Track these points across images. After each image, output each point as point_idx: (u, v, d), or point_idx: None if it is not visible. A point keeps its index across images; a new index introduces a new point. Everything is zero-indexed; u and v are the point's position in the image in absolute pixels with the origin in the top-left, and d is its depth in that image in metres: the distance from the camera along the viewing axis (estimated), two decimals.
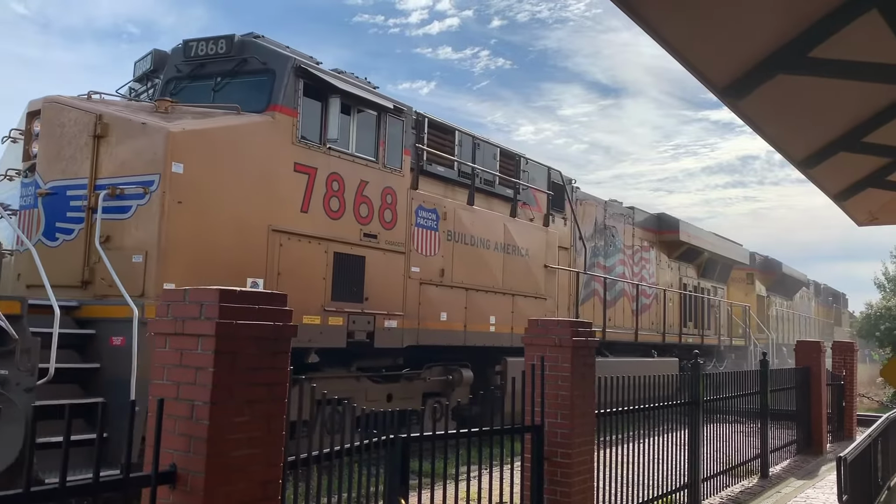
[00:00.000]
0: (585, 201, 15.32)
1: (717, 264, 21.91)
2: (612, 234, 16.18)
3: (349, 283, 8.78)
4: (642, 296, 16.97)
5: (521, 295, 12.00)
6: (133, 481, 2.84)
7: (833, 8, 3.98)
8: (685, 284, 19.79)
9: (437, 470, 6.34)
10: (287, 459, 3.54)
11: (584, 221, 14.99)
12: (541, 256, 12.61)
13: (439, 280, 10.29)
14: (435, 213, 10.37)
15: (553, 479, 5.44)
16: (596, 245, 15.49)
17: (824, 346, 12.84)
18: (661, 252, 18.69)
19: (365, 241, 9.08)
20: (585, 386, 5.72)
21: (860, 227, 8.51)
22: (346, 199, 8.89)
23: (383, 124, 9.54)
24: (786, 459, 10.96)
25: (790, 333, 30.46)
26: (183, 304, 3.16)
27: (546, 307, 12.50)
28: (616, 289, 15.91)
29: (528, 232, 12.39)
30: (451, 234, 10.63)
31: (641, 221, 17.84)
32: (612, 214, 16.30)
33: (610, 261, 15.99)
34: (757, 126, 5.45)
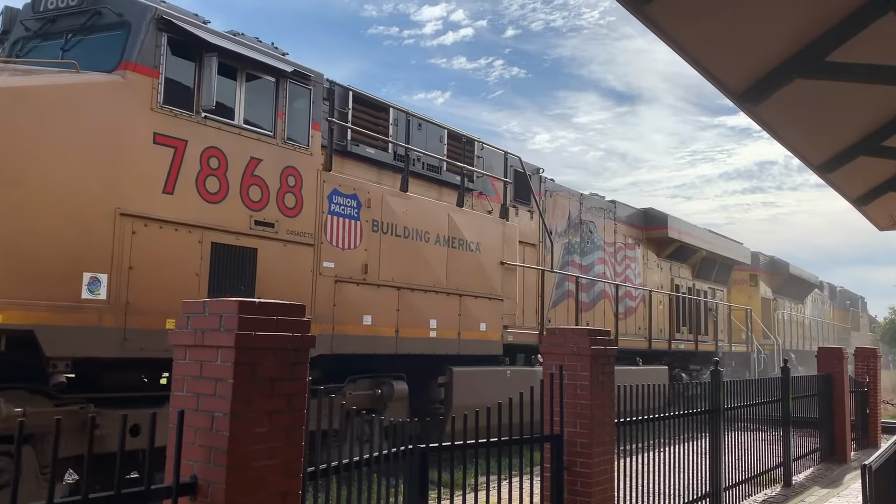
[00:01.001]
0: (556, 193, 13.92)
1: (714, 264, 20.46)
2: (590, 229, 14.82)
3: (234, 280, 7.43)
4: (627, 298, 15.64)
5: (471, 295, 10.56)
6: (154, 493, 2.85)
7: (850, 12, 3.96)
8: (678, 286, 18.32)
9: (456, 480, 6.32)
10: (307, 470, 3.55)
11: (555, 215, 13.72)
12: (497, 252, 11.21)
13: (361, 277, 8.83)
14: (355, 199, 8.89)
15: (573, 489, 5.40)
16: (570, 241, 14.15)
17: (846, 352, 12.68)
18: (649, 250, 17.29)
19: (257, 230, 7.69)
20: (604, 395, 5.69)
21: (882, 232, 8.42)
22: (229, 179, 7.49)
23: (282, 93, 8.14)
24: (809, 468, 10.82)
25: (801, 339, 28.90)
26: (202, 315, 3.18)
27: (503, 309, 11.18)
28: (595, 290, 14.58)
29: (480, 224, 10.96)
30: (378, 225, 9.17)
31: (625, 217, 16.41)
32: (589, 208, 14.93)
33: (587, 259, 14.66)
34: (774, 131, 5.42)
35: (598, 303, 14.60)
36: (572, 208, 14.35)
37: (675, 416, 7.10)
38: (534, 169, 13.20)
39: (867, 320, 44.23)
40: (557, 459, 5.37)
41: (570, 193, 14.44)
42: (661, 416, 6.83)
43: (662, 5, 3.61)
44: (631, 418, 6.27)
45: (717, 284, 21.05)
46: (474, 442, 4.75)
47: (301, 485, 3.35)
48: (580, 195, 14.76)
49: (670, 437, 7.00)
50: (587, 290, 14.31)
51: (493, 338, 10.92)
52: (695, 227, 18.97)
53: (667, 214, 17.36)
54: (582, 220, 14.59)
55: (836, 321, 36.90)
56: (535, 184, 13.03)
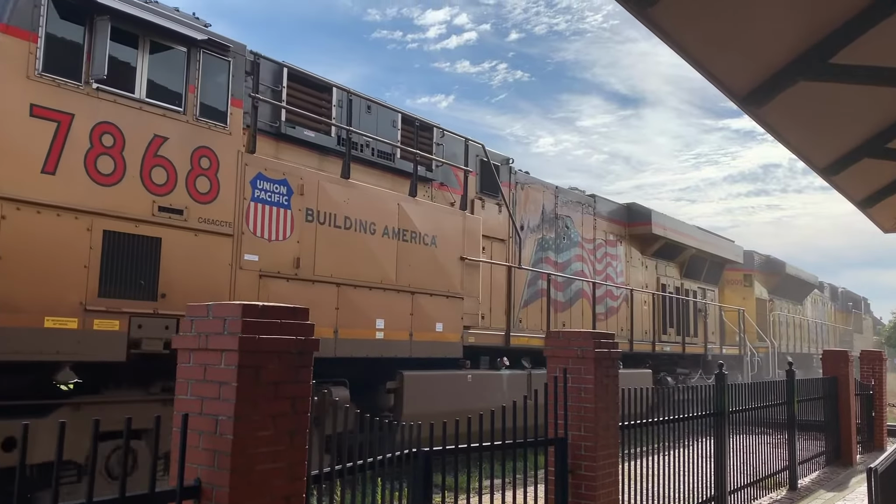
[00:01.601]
0: (529, 185, 13.06)
1: (703, 263, 19.45)
2: (567, 224, 13.94)
3: (132, 273, 6.63)
4: (608, 297, 14.86)
5: (426, 293, 9.67)
6: (158, 496, 2.86)
7: (854, 14, 3.95)
8: (664, 285, 17.41)
9: (459, 484, 6.32)
10: (311, 473, 3.55)
11: (527, 209, 12.90)
12: (456, 246, 10.29)
13: (292, 272, 8.00)
14: (285, 185, 8.07)
15: (577, 493, 5.39)
16: (544, 237, 13.29)
17: (852, 355, 12.64)
18: (633, 248, 16.42)
19: (162, 216, 6.89)
20: (608, 398, 5.68)
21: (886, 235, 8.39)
22: (127, 158, 6.69)
23: (195, 64, 7.38)
24: (815, 471, 10.78)
25: (799, 341, 27.69)
26: (206, 319, 3.19)
27: (464, 308, 10.34)
28: (572, 289, 13.76)
29: (436, 216, 10.07)
30: (313, 214, 8.32)
31: (606, 212, 15.54)
32: (565, 202, 14.05)
33: (564, 256, 13.78)
34: (779, 134, 5.41)
35: (575, 302, 13.84)
36: (546, 202, 13.49)
37: (679, 420, 7.08)
38: (502, 159, 12.46)
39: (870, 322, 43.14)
40: (562, 463, 5.36)
41: (544, 186, 13.59)
42: (666, 419, 6.82)
43: (666, 8, 3.61)
44: (635, 421, 6.26)
45: (707, 284, 20.13)
46: (478, 445, 4.74)
47: (305, 488, 3.35)
48: (555, 188, 13.88)
49: (674, 441, 6.98)
50: (563, 288, 13.55)
51: (452, 339, 10.14)
52: (682, 224, 18.16)
53: (650, 210, 16.47)
54: (557, 215, 13.73)
55: (838, 323, 35.78)
56: (503, 175, 12.28)
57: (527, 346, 11.86)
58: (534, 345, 11.76)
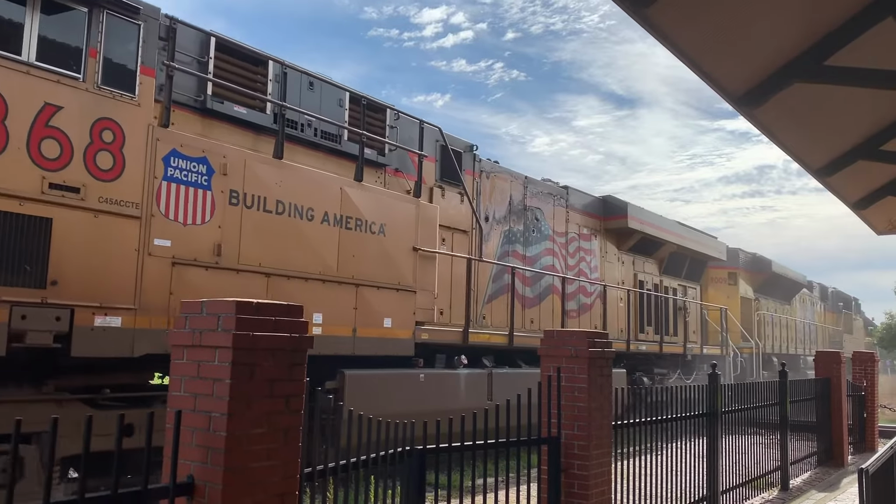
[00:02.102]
0: (495, 174, 12.38)
1: (684, 259, 18.65)
2: (537, 217, 13.24)
3: (15, 257, 5.99)
4: (580, 294, 14.17)
5: (372, 285, 8.94)
6: (151, 493, 2.85)
7: (848, 17, 3.97)
8: (642, 282, 16.72)
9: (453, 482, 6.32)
10: (304, 471, 3.55)
11: (493, 199, 12.25)
12: (408, 236, 9.55)
13: (211, 259, 7.25)
14: (205, 163, 7.30)
15: (570, 492, 5.40)
16: (511, 229, 12.61)
17: (844, 356, 12.69)
18: (609, 242, 15.74)
19: (53, 194, 6.20)
20: (602, 397, 5.69)
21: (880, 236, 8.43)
22: (10, 128, 6.01)
23: (97, 26, 6.65)
24: (806, 471, 10.82)
25: (786, 341, 26.85)
26: (200, 316, 3.19)
27: (418, 302, 9.62)
28: (541, 284, 13.07)
29: (385, 203, 9.31)
30: (239, 196, 7.59)
31: (580, 204, 14.82)
32: (535, 193, 13.35)
33: (533, 250, 13.09)
34: (773, 135, 5.43)
35: (545, 298, 13.12)
36: (514, 192, 12.82)
37: (672, 420, 7.10)
38: (465, 146, 11.70)
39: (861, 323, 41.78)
40: (555, 462, 5.37)
41: (512, 176, 12.88)
42: (659, 419, 6.84)
43: (662, 8, 3.61)
44: (629, 421, 6.28)
45: (688, 282, 19.30)
46: (471, 444, 4.74)
47: (299, 486, 3.35)
48: (524, 178, 13.16)
49: (667, 441, 6.99)
50: (532, 283, 12.85)
51: (402, 336, 9.38)
52: (661, 218, 17.30)
53: (626, 203, 15.73)
54: (527, 206, 13.04)
55: (828, 324, 34.80)
56: (466, 162, 11.56)
57: (488, 343, 11.33)
58: (496, 342, 11.43)
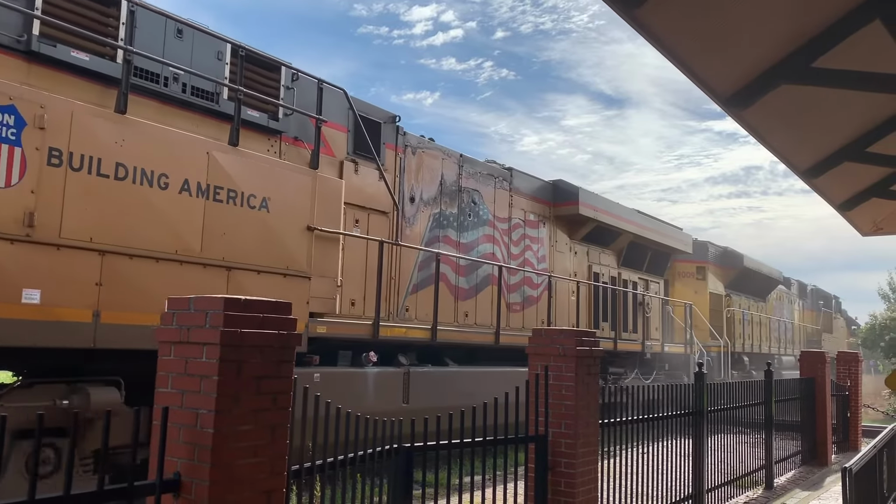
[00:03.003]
0: (423, 150, 11.12)
1: (646, 251, 17.32)
2: (474, 199, 12.03)
3: None
4: (525, 285, 12.99)
5: (249, 269, 7.53)
6: (137, 490, 2.84)
7: (836, 18, 4.00)
8: (597, 274, 15.48)
9: (440, 480, 6.33)
10: (291, 469, 3.54)
11: (421, 177, 11.02)
12: (302, 213, 8.16)
13: (21, 231, 5.97)
14: (12, 113, 5.99)
15: (557, 489, 5.42)
16: (443, 212, 11.36)
17: (828, 356, 12.81)
18: (560, 231, 14.42)
19: None
20: (589, 396, 5.71)
21: (865, 238, 8.50)
22: None
23: None
24: (790, 470, 10.92)
25: (760, 340, 25.38)
26: (188, 312, 3.17)
27: (314, 290, 8.25)
28: (479, 274, 11.88)
29: (270, 173, 7.85)
30: (61, 156, 6.26)
31: (526, 188, 13.51)
32: (472, 174, 12.09)
33: (469, 236, 11.85)
34: (761, 136, 5.46)
35: (483, 289, 11.93)
36: (447, 171, 11.58)
37: (658, 418, 7.14)
38: (386, 116, 10.39)
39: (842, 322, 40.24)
40: (542, 460, 5.39)
41: (445, 153, 11.62)
42: (645, 417, 6.87)
43: (652, 9, 3.63)
44: (616, 419, 6.30)
45: (651, 275, 17.94)
46: (459, 442, 4.75)
47: (285, 483, 3.34)
48: (459, 156, 11.88)
49: (653, 439, 7.03)
50: (467, 273, 11.65)
51: None
52: (617, 206, 15.99)
53: (578, 188, 14.40)
54: (462, 188, 11.81)
55: (807, 322, 33.25)
56: (387, 135, 10.33)
57: (406, 339, 10.09)
58: (417, 337, 10.24)
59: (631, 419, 6.60)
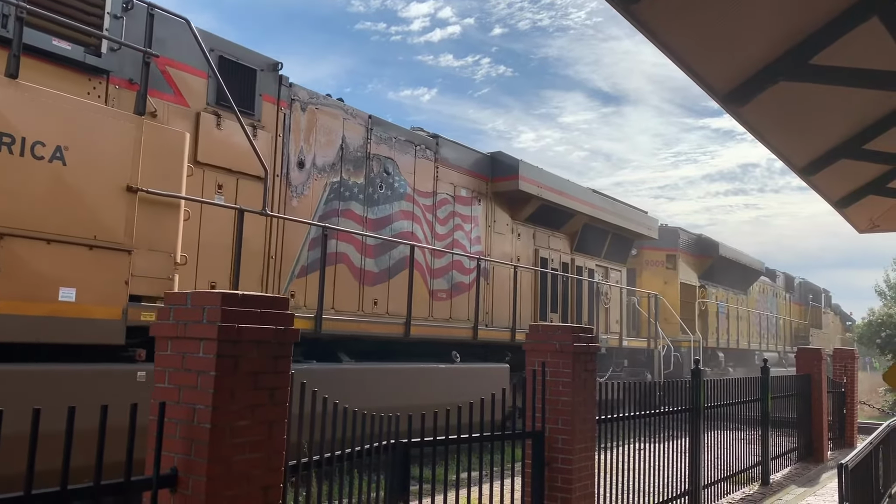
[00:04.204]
0: (318, 108, 9.44)
1: (604, 235, 15.70)
2: (387, 169, 10.45)
3: None
4: (454, 270, 11.47)
5: (33, 236, 5.86)
6: (134, 485, 2.84)
7: (834, 16, 4.00)
8: (545, 259, 13.85)
9: (437, 476, 6.34)
10: (288, 464, 3.54)
11: (315, 140, 9.36)
12: (118, 170, 6.45)
13: None
14: None
15: (554, 485, 5.43)
16: (345, 182, 9.75)
17: (825, 353, 12.84)
18: (500, 209, 12.78)
19: None
20: (586, 392, 5.72)
21: (861, 235, 8.52)
22: None
23: None
24: (787, 467, 10.94)
25: (739, 335, 23.66)
26: (185, 307, 3.17)
27: (138, 267, 6.60)
28: (392, 255, 10.31)
29: (69, 117, 6.13)
30: None
31: (457, 160, 11.88)
32: (386, 139, 10.49)
33: (381, 210, 10.34)
34: (758, 133, 5.46)
35: (398, 273, 10.33)
36: (351, 135, 9.94)
37: (655, 415, 7.16)
38: (265, 63, 8.69)
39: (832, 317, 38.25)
40: (539, 456, 5.39)
41: (348, 113, 9.93)
42: (642, 413, 6.89)
43: (650, 4, 3.62)
44: (612, 415, 6.31)
45: (611, 262, 16.36)
46: (456, 437, 4.76)
47: (282, 479, 3.34)
48: (367, 118, 10.27)
49: (650, 435, 7.05)
50: (377, 253, 10.11)
51: (98, 315, 6.29)
52: (568, 183, 14.15)
53: (518, 160, 12.66)
54: (371, 155, 10.22)
55: (793, 317, 31.22)
56: (266, 85, 8.65)
57: None
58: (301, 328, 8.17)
59: (627, 415, 6.61)
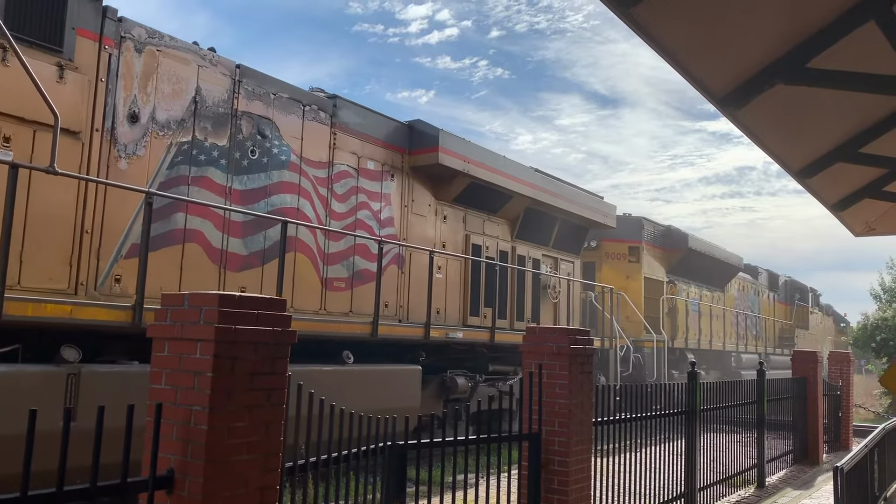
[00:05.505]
0: (156, 48, 7.51)
1: (552, 222, 13.89)
2: (263, 132, 8.55)
3: None
4: (356, 255, 9.62)
5: None
6: (131, 486, 2.83)
7: (831, 20, 4.02)
8: (478, 246, 12.03)
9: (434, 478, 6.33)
10: (285, 466, 3.54)
11: (155, 89, 7.46)
12: None
13: None
14: None
15: (550, 487, 5.43)
16: (197, 143, 7.84)
17: (820, 356, 12.88)
18: (420, 187, 10.97)
19: None
20: (583, 394, 5.72)
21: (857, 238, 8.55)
22: None
23: None
24: (782, 469, 10.96)
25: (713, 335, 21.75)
26: (182, 308, 3.17)
27: None
28: (269, 235, 8.43)
29: None
30: None
31: (363, 127, 10.08)
32: (261, 95, 8.62)
33: (253, 181, 8.42)
34: (755, 136, 5.48)
35: (273, 259, 8.33)
36: (209, 86, 8.02)
37: (651, 417, 7.16)
38: None
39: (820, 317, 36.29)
40: (535, 458, 5.40)
41: (206, 59, 8.04)
42: (638, 416, 6.89)
43: (648, 7, 3.64)
44: (608, 418, 6.32)
45: (561, 252, 14.55)
46: (453, 440, 4.76)
47: (279, 480, 3.34)
48: (235, 67, 8.37)
49: (646, 438, 7.05)
50: (246, 232, 8.26)
51: None
52: (503, 160, 12.21)
53: (439, 129, 10.81)
54: (238, 112, 8.31)
55: (778, 316, 29.22)
56: (81, 15, 6.88)
57: (74, 323, 6.36)
58: (103, 321, 6.53)
59: (624, 418, 6.61)
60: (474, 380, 11.37)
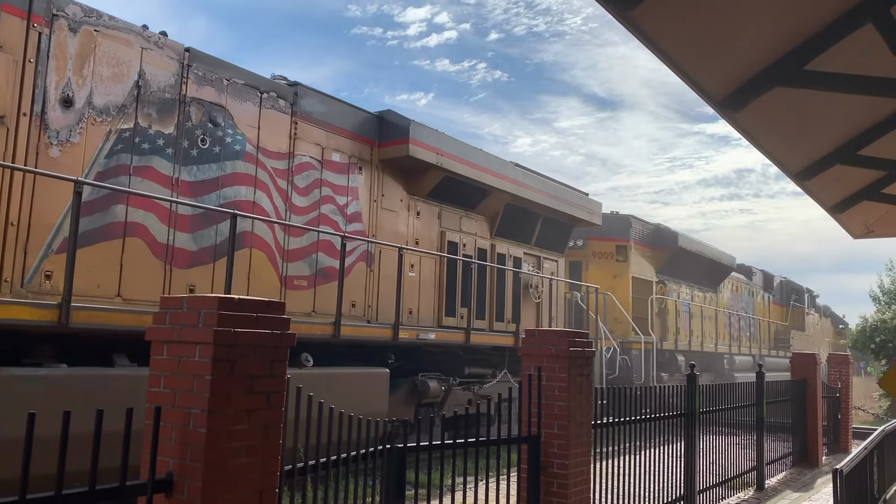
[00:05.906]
0: (94, 28, 6.98)
1: (534, 219, 13.41)
2: (216, 119, 8.07)
3: None
4: (321, 252, 9.17)
5: None
6: (129, 489, 2.82)
7: (829, 21, 4.02)
8: (454, 244, 11.57)
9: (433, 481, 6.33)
10: (283, 469, 3.53)
11: (91, 71, 6.95)
12: None
13: None
14: None
15: (549, 490, 5.43)
16: (140, 130, 7.33)
17: (819, 358, 12.87)
18: (391, 181, 10.50)
19: None
20: (582, 396, 5.72)
21: (856, 240, 8.54)
22: None
23: None
24: (781, 472, 10.96)
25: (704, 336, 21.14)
26: (181, 311, 3.16)
27: None
28: (220, 230, 7.89)
29: None
30: None
31: (328, 116, 9.58)
32: (213, 81, 8.10)
33: (204, 171, 7.90)
34: (754, 138, 5.48)
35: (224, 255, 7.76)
36: (153, 70, 7.54)
37: (651, 419, 7.16)
38: None
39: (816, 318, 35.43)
40: (534, 460, 5.39)
41: (150, 41, 7.53)
42: (638, 418, 6.89)
43: (647, 10, 3.63)
44: (608, 420, 6.32)
45: (544, 251, 14.06)
46: (452, 442, 4.75)
47: (278, 483, 3.33)
48: (184, 51, 7.88)
49: (646, 440, 7.05)
50: (194, 226, 7.76)
51: None
52: (480, 153, 11.73)
53: (410, 120, 10.33)
54: (187, 98, 7.82)
55: (773, 317, 28.50)
56: None
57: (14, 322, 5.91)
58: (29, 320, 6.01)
59: (623, 420, 6.61)
60: (448, 383, 10.96)
